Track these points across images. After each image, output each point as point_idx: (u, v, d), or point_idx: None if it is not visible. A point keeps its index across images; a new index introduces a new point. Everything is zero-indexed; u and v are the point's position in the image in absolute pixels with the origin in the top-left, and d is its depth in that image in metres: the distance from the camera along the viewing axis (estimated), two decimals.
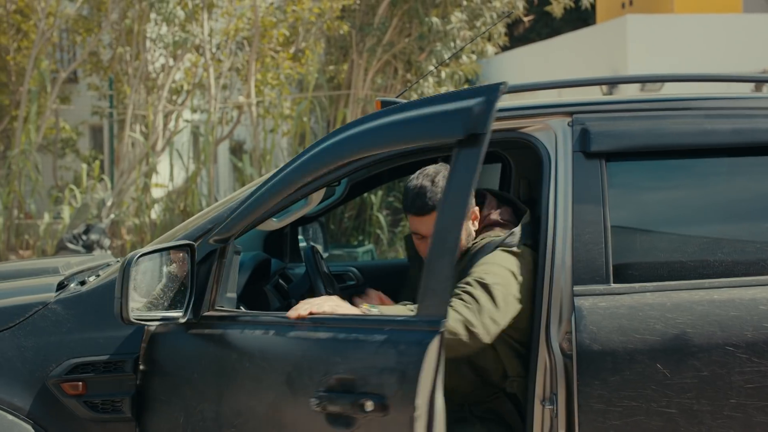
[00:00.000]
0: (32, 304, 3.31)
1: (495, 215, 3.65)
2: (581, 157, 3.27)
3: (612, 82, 3.77)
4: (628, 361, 3.08)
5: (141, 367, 3.21)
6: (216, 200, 14.61)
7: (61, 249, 11.80)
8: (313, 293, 3.84)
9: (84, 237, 11.88)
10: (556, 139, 3.32)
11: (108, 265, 4.08)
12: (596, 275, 3.17)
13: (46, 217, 13.17)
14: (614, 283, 3.18)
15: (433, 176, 3.45)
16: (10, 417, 3.16)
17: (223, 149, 19.58)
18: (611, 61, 17.38)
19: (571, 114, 3.34)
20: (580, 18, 22.01)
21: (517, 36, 24.30)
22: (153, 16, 13.90)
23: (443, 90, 14.19)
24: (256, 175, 13.60)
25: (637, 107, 3.36)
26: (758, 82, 3.73)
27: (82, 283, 3.57)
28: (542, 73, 19.92)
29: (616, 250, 3.21)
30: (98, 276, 3.66)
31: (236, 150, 20.18)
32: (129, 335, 3.22)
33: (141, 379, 3.21)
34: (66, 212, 13.04)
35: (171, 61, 14.58)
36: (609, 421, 3.08)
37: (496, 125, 3.34)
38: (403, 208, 3.49)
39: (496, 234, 3.54)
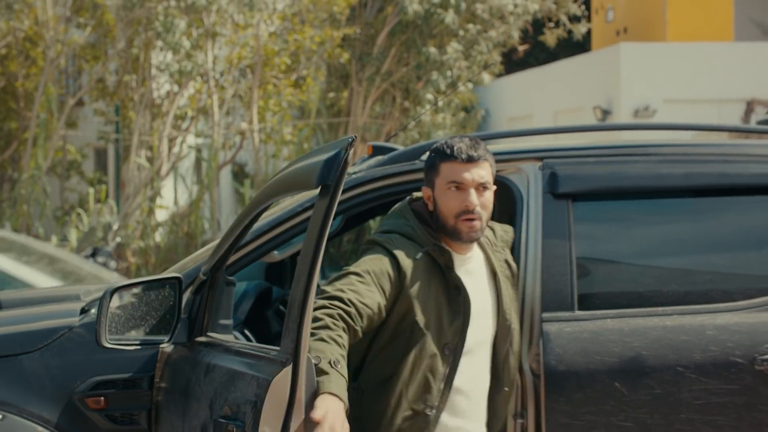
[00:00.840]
0: (59, 327, 3.69)
1: None
2: (550, 197, 3.66)
3: (573, 131, 4.17)
4: (589, 380, 3.46)
5: (155, 383, 3.59)
6: (218, 223, 15.00)
7: None
8: None
9: (91, 260, 12.22)
10: (528, 181, 3.71)
11: None
12: (563, 303, 3.55)
13: (54, 240, 13.54)
14: (579, 310, 3.56)
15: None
16: (40, 428, 3.53)
17: (225, 173, 20.00)
18: (605, 88, 17.76)
19: (541, 159, 3.74)
20: (578, 44, 22.41)
21: (516, 61, 24.69)
22: (159, 44, 14.29)
23: (440, 118, 14.61)
24: None
25: (601, 153, 3.76)
26: (729, 131, 4.13)
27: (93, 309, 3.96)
28: (538, 99, 20.30)
29: (580, 281, 3.60)
30: None
31: (238, 174, 20.59)
32: (146, 356, 3.60)
33: (155, 395, 3.59)
34: (73, 235, 13.41)
35: (176, 88, 14.98)
36: None
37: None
38: (450, 157, 3.35)
39: None
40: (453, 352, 3.28)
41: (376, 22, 14.25)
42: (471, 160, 3.32)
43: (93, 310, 3.91)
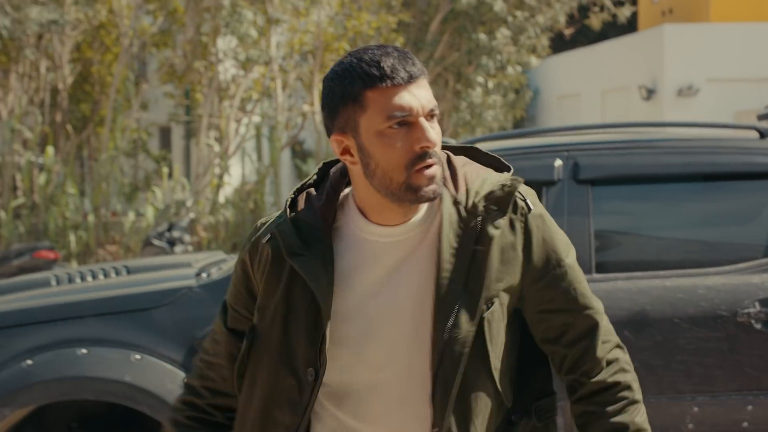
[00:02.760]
0: (181, 287, 4.63)
1: None
2: (573, 183, 4.54)
3: (595, 128, 5.04)
4: None
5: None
6: (281, 199, 16.00)
7: (147, 245, 13.13)
8: None
9: (167, 234, 13.23)
10: (555, 170, 4.59)
11: (224, 260, 5.41)
12: (583, 268, 4.43)
13: (131, 216, 14.60)
14: (596, 273, 4.44)
15: None
16: (169, 366, 4.48)
17: (285, 151, 21.02)
18: (650, 68, 18.44)
19: (567, 151, 4.61)
20: (629, 23, 23.00)
21: (567, 40, 25.31)
22: (224, 30, 15.20)
23: (491, 99, 15.45)
24: None
25: (614, 147, 4.63)
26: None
27: (208, 273, 4.91)
28: (585, 79, 21.03)
29: (597, 250, 4.47)
30: (220, 268, 5.00)
31: (298, 152, 21.58)
32: None
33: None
34: (149, 211, 14.44)
35: (241, 72, 15.94)
36: None
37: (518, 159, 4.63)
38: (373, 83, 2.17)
39: None
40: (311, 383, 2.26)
41: (429, 9, 15.12)
42: (411, 78, 2.19)
43: (203, 274, 4.86)
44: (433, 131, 2.19)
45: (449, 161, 2.33)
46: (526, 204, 2.31)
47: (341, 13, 15.71)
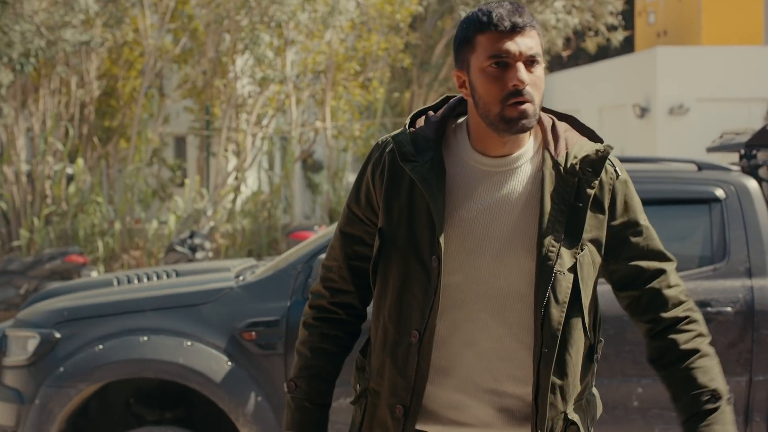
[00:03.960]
0: (224, 287, 5.68)
1: None
2: None
3: None
4: None
5: (287, 322, 5.54)
6: (293, 210, 17.04)
7: (170, 251, 14.10)
8: None
9: (189, 241, 14.21)
10: None
11: (255, 266, 6.45)
12: None
13: (154, 223, 15.63)
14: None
15: None
16: (215, 352, 5.51)
17: (297, 163, 22.11)
18: (644, 87, 19.45)
19: None
20: (627, 41, 23.98)
21: (565, 62, 26.24)
22: (241, 47, 16.19)
23: None
24: (330, 190, 16.07)
25: None
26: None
27: (244, 276, 5.95)
28: (584, 96, 22.05)
29: None
30: (253, 272, 6.04)
31: (309, 165, 22.66)
32: (280, 306, 5.54)
33: (286, 330, 5.53)
34: (171, 220, 15.48)
35: (257, 89, 16.99)
36: None
37: None
38: (487, 26, 2.57)
39: None
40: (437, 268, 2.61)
41: (434, 33, 16.21)
42: (515, 28, 2.55)
43: (241, 277, 5.90)
44: (527, 74, 2.54)
45: (554, 125, 2.69)
46: (615, 170, 2.69)
47: (352, 34, 16.74)
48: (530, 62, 2.57)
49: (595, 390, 2.84)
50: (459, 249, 2.62)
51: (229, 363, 5.48)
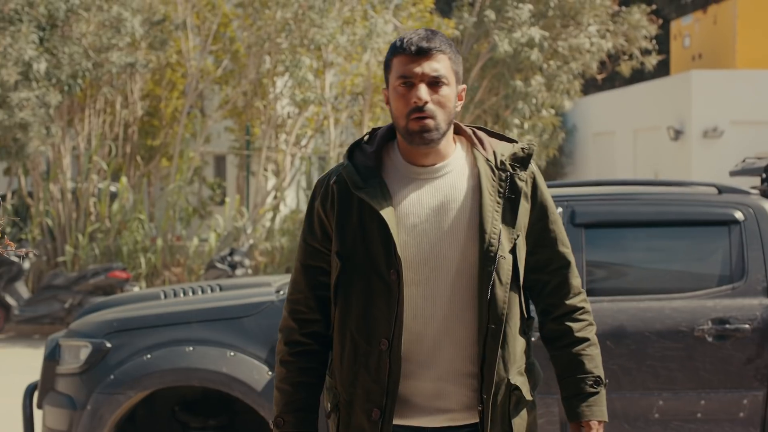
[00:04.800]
0: (265, 302, 5.97)
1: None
2: (570, 225, 5.83)
3: (590, 184, 6.35)
4: None
5: None
6: None
7: (210, 267, 14.44)
8: None
9: (229, 258, 14.54)
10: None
11: None
12: None
13: (195, 241, 15.99)
14: (587, 296, 5.72)
15: None
16: (256, 362, 5.81)
17: None
18: (678, 110, 19.62)
19: (566, 201, 5.92)
20: (662, 64, 24.15)
21: (599, 84, 26.40)
22: (281, 69, 16.53)
23: (526, 139, 16.76)
24: None
25: (603, 198, 5.93)
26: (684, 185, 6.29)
27: (284, 291, 6.26)
28: (620, 118, 22.24)
29: (587, 277, 5.77)
30: None
31: None
32: None
33: None
34: (212, 237, 15.83)
35: (296, 110, 17.34)
36: None
37: None
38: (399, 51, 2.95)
39: None
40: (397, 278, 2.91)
41: (470, 57, 16.50)
42: (421, 52, 2.90)
43: (281, 291, 6.21)
44: (427, 93, 2.89)
45: (475, 133, 3.06)
46: (533, 165, 3.06)
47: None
48: (434, 83, 2.92)
49: (534, 360, 3.16)
50: (415, 253, 2.95)
51: (270, 373, 5.77)
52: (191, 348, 5.86)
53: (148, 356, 5.87)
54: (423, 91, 2.90)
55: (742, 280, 5.66)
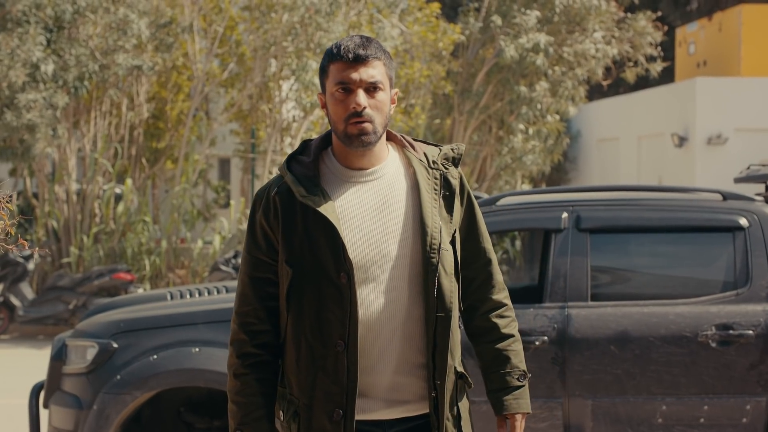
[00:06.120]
0: None
1: None
2: (576, 230, 5.86)
3: (595, 189, 6.38)
4: (595, 344, 5.65)
5: None
6: None
7: (215, 270, 14.46)
8: None
9: (234, 261, 14.56)
10: (563, 220, 5.91)
11: None
12: (581, 296, 5.75)
13: (199, 243, 16.03)
14: (591, 300, 5.75)
15: None
16: None
17: None
18: (682, 117, 19.63)
19: (572, 206, 5.94)
20: (666, 71, 24.18)
21: (605, 90, 26.41)
22: (287, 72, 16.56)
23: (530, 145, 16.81)
24: None
25: (608, 204, 5.96)
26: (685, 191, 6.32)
27: None
28: (624, 124, 22.25)
29: (592, 282, 5.80)
30: None
31: None
32: None
33: None
34: (216, 240, 15.86)
35: (301, 113, 17.37)
36: (583, 377, 5.65)
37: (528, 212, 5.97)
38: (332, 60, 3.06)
39: None
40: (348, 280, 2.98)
41: (476, 62, 16.54)
42: (358, 59, 2.99)
43: None
44: (365, 98, 3.00)
45: (404, 138, 3.20)
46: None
47: (395, 61, 17.11)
48: (372, 89, 3.02)
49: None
50: (362, 253, 3.03)
51: None
52: (197, 349, 5.90)
53: (155, 357, 5.91)
54: (361, 96, 3.00)
55: (746, 287, 5.69)
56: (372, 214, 3.07)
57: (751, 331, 5.58)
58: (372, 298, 3.04)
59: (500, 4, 16.35)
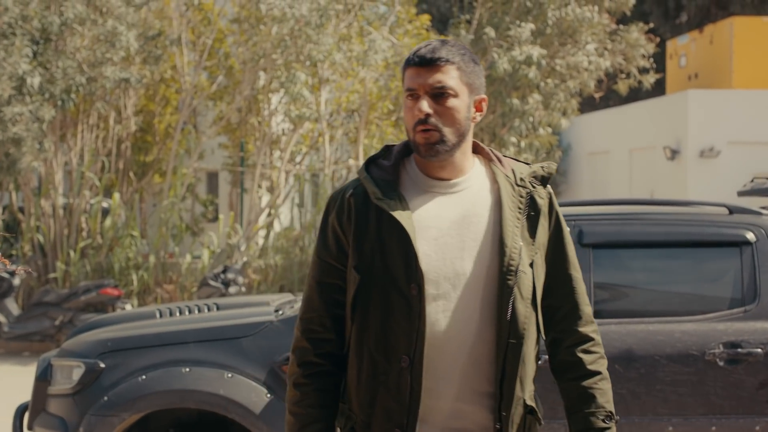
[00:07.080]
0: (264, 321, 5.82)
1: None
2: (578, 245, 5.69)
3: (596, 203, 6.20)
4: None
5: None
6: None
7: (204, 285, 14.28)
8: None
9: (223, 275, 14.39)
10: None
11: (294, 300, 6.59)
12: None
13: (188, 258, 15.82)
14: (594, 318, 5.57)
15: None
16: (254, 384, 5.65)
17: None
18: (674, 130, 19.53)
19: (574, 221, 5.78)
20: (658, 83, 24.10)
21: (596, 103, 26.34)
22: (276, 85, 16.40)
23: (522, 158, 16.63)
24: None
25: (610, 218, 5.79)
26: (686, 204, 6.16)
27: (283, 311, 6.10)
28: (615, 137, 22.16)
29: (595, 299, 5.62)
30: (292, 307, 6.19)
31: None
32: None
33: None
34: (205, 255, 15.67)
35: (291, 126, 17.21)
36: None
37: None
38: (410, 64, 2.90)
39: None
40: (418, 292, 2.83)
41: None
42: (423, 62, 2.86)
43: (280, 311, 6.05)
44: (429, 105, 2.85)
45: (492, 151, 3.04)
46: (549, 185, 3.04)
47: (386, 74, 16.96)
48: (438, 95, 2.86)
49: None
50: (437, 266, 2.86)
51: (269, 395, 5.62)
52: (187, 369, 5.71)
53: (143, 377, 5.71)
54: (424, 103, 2.85)
55: (754, 303, 5.53)
56: (450, 227, 2.91)
57: (759, 349, 5.41)
58: (441, 317, 2.87)
59: (492, 16, 16.20)
